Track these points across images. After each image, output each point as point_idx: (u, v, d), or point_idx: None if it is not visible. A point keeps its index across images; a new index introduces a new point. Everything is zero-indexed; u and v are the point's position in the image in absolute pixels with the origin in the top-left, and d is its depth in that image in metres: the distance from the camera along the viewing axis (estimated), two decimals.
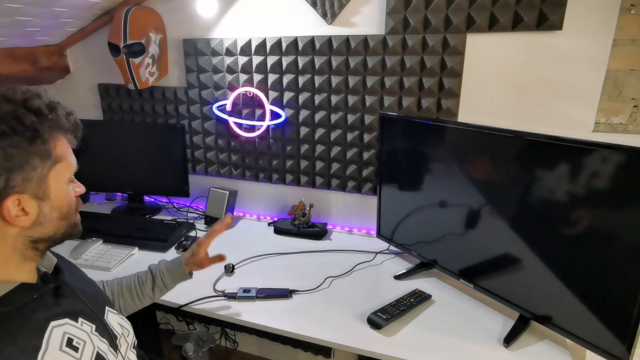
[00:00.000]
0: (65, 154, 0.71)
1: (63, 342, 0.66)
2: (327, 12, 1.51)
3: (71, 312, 0.72)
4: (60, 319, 0.68)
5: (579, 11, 1.23)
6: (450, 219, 1.26)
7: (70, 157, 0.72)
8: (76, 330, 0.70)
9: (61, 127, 0.70)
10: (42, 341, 0.63)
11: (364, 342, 1.07)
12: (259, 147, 1.79)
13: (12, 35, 1.63)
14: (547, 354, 1.04)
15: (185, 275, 1.13)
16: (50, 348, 0.63)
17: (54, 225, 0.70)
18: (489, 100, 1.41)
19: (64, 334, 0.67)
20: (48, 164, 0.67)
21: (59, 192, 0.70)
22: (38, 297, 0.68)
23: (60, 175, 0.70)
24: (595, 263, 0.94)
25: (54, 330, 0.66)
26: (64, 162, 0.70)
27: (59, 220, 0.71)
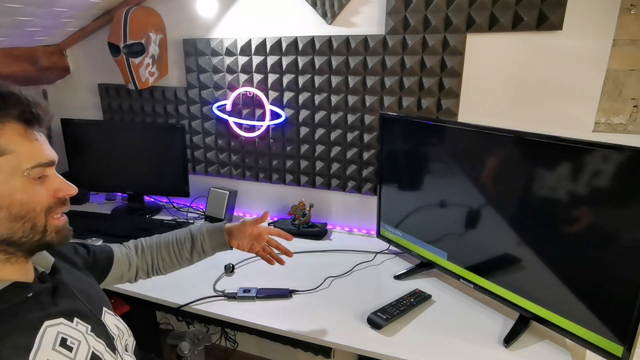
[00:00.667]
0: (14, 145, 0.62)
1: (57, 342, 0.65)
2: (327, 12, 1.51)
3: (67, 311, 0.70)
4: (54, 318, 0.67)
5: (579, 11, 1.23)
6: (451, 218, 1.26)
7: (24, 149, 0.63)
8: (71, 330, 0.69)
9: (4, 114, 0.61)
10: (35, 340, 0.62)
11: (364, 342, 1.07)
12: (259, 147, 1.79)
13: (12, 35, 1.63)
14: (547, 354, 1.04)
15: (226, 244, 1.07)
16: (42, 347, 0.62)
17: (4, 227, 0.62)
18: (489, 100, 1.41)
19: (58, 334, 0.66)
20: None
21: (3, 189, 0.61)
22: (32, 296, 0.66)
23: (3, 169, 0.61)
24: (595, 262, 0.94)
25: (47, 330, 0.64)
26: (12, 155, 0.61)
27: (10, 222, 0.62)
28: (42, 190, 0.66)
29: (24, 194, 0.63)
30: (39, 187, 0.65)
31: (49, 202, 0.66)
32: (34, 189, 0.64)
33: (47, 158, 0.66)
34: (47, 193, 0.66)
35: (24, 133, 0.64)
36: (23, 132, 0.63)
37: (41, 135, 0.67)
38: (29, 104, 0.64)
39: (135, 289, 1.26)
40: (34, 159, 0.64)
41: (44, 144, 0.67)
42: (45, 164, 0.65)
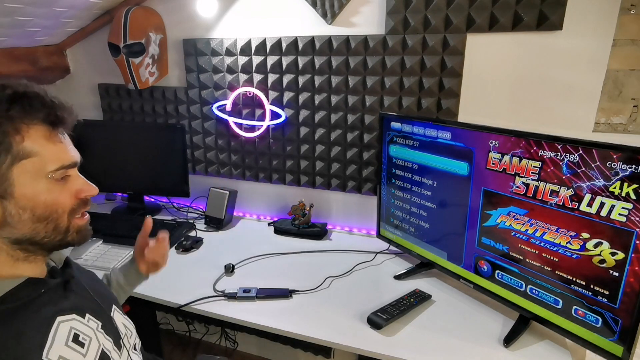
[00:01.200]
0: (39, 147, 0.62)
1: (69, 338, 0.65)
2: (327, 12, 1.51)
3: (78, 307, 0.71)
4: (67, 314, 0.67)
5: (579, 11, 1.23)
6: (451, 217, 1.26)
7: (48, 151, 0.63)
8: (83, 327, 0.69)
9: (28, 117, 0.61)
10: (48, 336, 0.62)
11: (364, 342, 1.07)
12: (259, 147, 1.79)
13: (12, 35, 1.63)
14: (547, 354, 1.04)
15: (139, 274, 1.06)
16: (55, 343, 0.62)
17: (27, 227, 0.63)
18: (489, 100, 1.41)
19: (71, 329, 0.66)
20: (8, 160, 0.60)
21: (27, 191, 0.62)
22: (45, 291, 0.67)
23: (28, 172, 0.61)
24: (595, 262, 0.94)
25: (60, 326, 0.65)
26: (36, 158, 0.62)
27: (33, 223, 0.63)
28: (64, 192, 0.66)
29: (48, 195, 0.64)
30: (62, 188, 0.66)
31: (71, 203, 0.68)
32: (57, 191, 0.65)
33: (70, 160, 0.67)
34: (69, 194, 0.67)
35: (49, 135, 0.64)
36: (48, 135, 0.64)
37: (65, 137, 0.68)
38: (54, 106, 0.65)
39: (135, 289, 1.26)
40: (57, 161, 0.64)
41: (68, 145, 0.68)
42: (68, 165, 0.66)
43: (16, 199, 0.62)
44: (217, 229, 1.74)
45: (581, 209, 0.94)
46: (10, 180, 0.61)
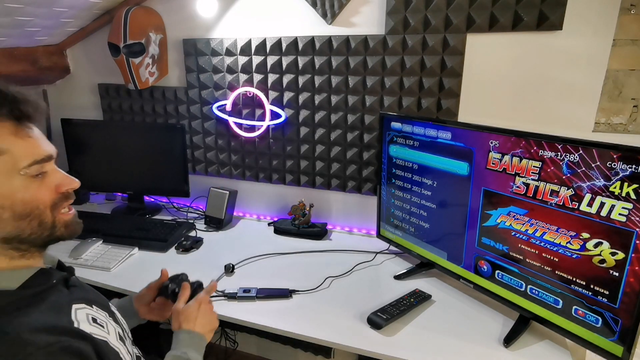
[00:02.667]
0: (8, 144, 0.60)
1: (89, 320, 0.67)
2: (327, 12, 1.51)
3: (85, 298, 0.72)
4: (79, 302, 0.69)
5: (579, 11, 1.23)
6: (451, 217, 1.26)
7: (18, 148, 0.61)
8: (95, 314, 0.70)
9: None
10: (72, 318, 0.64)
11: (364, 342, 1.07)
12: (259, 147, 1.79)
13: (12, 35, 1.63)
14: (547, 354, 1.04)
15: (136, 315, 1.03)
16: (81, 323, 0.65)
17: (11, 226, 0.62)
18: (489, 100, 1.41)
19: (87, 314, 0.68)
20: None
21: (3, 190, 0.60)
22: (56, 282, 0.69)
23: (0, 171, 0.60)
24: (596, 263, 0.94)
25: (77, 312, 0.66)
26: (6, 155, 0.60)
27: (16, 221, 0.62)
28: (43, 187, 0.65)
29: (25, 192, 0.62)
30: (40, 183, 0.64)
31: (52, 198, 0.66)
32: (34, 187, 0.63)
33: (43, 154, 0.64)
34: (48, 189, 0.65)
35: (16, 131, 0.62)
36: (14, 130, 0.62)
37: (35, 131, 0.65)
38: (17, 100, 0.62)
39: (135, 289, 1.26)
40: (29, 156, 0.62)
41: (39, 139, 0.65)
42: (42, 160, 0.64)
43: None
44: (217, 229, 1.74)
45: (581, 208, 0.94)
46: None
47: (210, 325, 0.93)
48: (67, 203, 0.70)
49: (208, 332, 0.92)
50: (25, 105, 0.63)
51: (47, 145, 0.66)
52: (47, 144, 0.67)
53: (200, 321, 0.91)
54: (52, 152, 0.67)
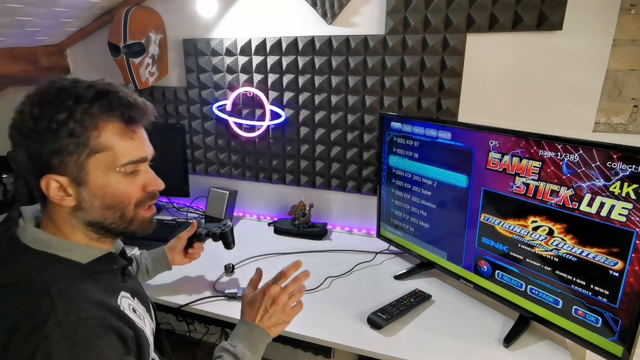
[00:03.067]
0: (112, 143, 0.68)
1: (130, 308, 0.74)
2: (327, 12, 1.51)
3: (132, 290, 0.79)
4: (126, 291, 0.76)
5: (579, 11, 1.23)
6: (451, 217, 1.26)
7: (120, 147, 0.68)
8: (136, 305, 0.77)
9: (105, 115, 0.67)
10: (117, 301, 0.72)
11: (364, 342, 1.07)
12: (259, 147, 1.79)
13: (12, 35, 1.63)
14: (547, 354, 1.04)
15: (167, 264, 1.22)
16: (125, 308, 0.72)
17: (98, 213, 0.70)
18: (489, 100, 1.41)
19: (129, 304, 0.75)
20: (86, 152, 0.66)
21: (99, 181, 0.68)
22: (116, 268, 0.77)
23: (101, 164, 0.67)
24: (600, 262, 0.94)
25: (122, 298, 0.74)
26: (108, 152, 0.67)
27: (103, 210, 0.70)
28: (133, 184, 0.72)
29: (117, 187, 0.70)
30: (131, 181, 0.72)
31: (139, 195, 0.73)
32: (126, 183, 0.71)
33: (139, 155, 0.71)
34: (137, 187, 0.73)
35: (122, 132, 0.69)
36: (121, 132, 0.69)
37: (138, 134, 0.72)
38: (130, 105, 0.69)
39: None
40: (127, 156, 0.69)
41: (140, 141, 0.72)
42: (136, 160, 0.71)
43: (89, 187, 0.68)
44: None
45: (581, 209, 0.94)
46: (86, 170, 0.67)
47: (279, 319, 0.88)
48: (151, 202, 0.77)
49: (273, 325, 0.88)
50: (135, 110, 0.70)
51: (147, 148, 0.74)
52: (146, 146, 0.74)
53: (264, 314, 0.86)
54: (148, 154, 0.74)
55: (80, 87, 0.67)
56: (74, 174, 0.67)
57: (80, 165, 0.66)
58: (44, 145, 0.64)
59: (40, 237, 0.68)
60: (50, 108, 0.64)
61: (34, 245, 0.67)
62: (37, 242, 0.68)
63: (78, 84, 0.67)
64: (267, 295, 0.87)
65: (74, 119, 0.64)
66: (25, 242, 0.67)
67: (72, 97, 0.65)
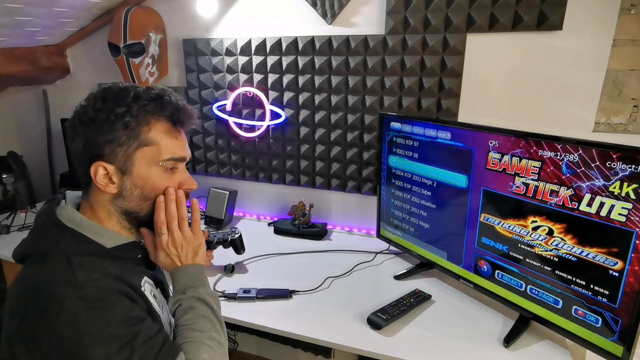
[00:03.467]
0: (159, 139, 0.74)
1: (151, 294, 0.78)
2: (327, 12, 1.51)
3: (156, 279, 0.84)
4: (150, 278, 0.81)
5: (579, 11, 1.23)
6: (451, 217, 1.26)
7: (165, 144, 0.74)
8: (157, 293, 0.82)
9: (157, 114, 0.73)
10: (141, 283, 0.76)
11: (363, 342, 1.07)
12: (259, 147, 1.79)
13: (12, 35, 1.63)
14: (547, 354, 1.04)
15: None
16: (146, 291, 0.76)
17: (135, 202, 0.75)
18: (489, 100, 1.41)
19: (151, 290, 0.79)
20: (134, 144, 0.72)
21: (142, 172, 0.73)
22: (141, 257, 0.81)
23: (146, 157, 0.73)
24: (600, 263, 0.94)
25: (145, 283, 0.78)
26: (154, 147, 0.73)
27: (140, 199, 0.75)
28: (170, 181, 0.77)
29: (156, 180, 0.75)
30: (169, 177, 0.77)
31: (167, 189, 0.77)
32: (164, 178, 0.76)
33: (180, 154, 0.77)
34: (173, 184, 0.78)
35: (169, 131, 0.75)
36: (168, 130, 0.75)
37: (182, 135, 0.79)
38: (179, 109, 0.76)
39: None
40: (170, 153, 0.75)
41: (182, 142, 0.78)
42: (178, 159, 0.77)
43: (133, 177, 0.73)
44: (217, 229, 1.74)
45: (581, 208, 0.94)
46: (132, 161, 0.72)
47: (193, 248, 0.83)
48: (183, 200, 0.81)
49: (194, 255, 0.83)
50: (182, 113, 0.76)
51: (186, 149, 0.79)
52: (186, 148, 0.79)
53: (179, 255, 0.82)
54: (187, 155, 0.79)
55: (140, 88, 0.75)
56: (121, 163, 0.72)
57: (128, 155, 0.72)
58: (99, 134, 0.71)
59: (74, 217, 0.74)
60: (111, 102, 0.71)
61: (68, 223, 0.73)
62: (70, 221, 0.73)
63: (137, 87, 0.75)
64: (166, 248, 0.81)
65: (130, 113, 0.71)
66: (61, 219, 0.73)
67: (131, 95, 0.72)
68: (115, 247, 0.75)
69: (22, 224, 1.73)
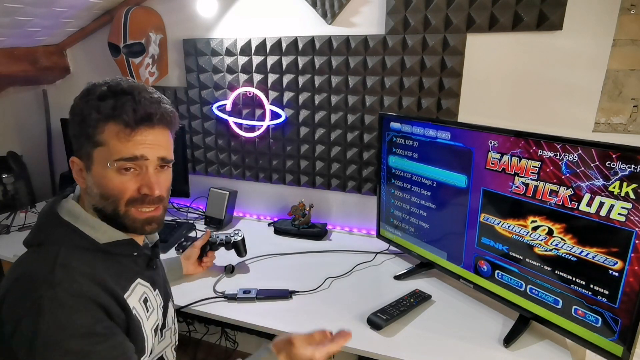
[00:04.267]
0: (109, 140, 0.73)
1: (141, 298, 0.79)
2: (327, 12, 1.51)
3: (154, 281, 0.85)
4: (145, 280, 0.82)
5: (579, 11, 1.23)
6: (451, 218, 1.26)
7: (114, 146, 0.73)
8: (152, 296, 0.83)
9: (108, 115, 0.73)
10: (129, 287, 0.77)
11: (364, 342, 1.07)
12: (259, 147, 1.79)
13: (12, 35, 1.63)
14: (547, 354, 1.04)
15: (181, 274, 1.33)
16: (133, 295, 0.76)
17: (97, 201, 0.76)
18: (489, 100, 1.41)
19: (144, 293, 0.80)
20: (90, 144, 0.74)
21: (99, 171, 0.75)
22: (137, 255, 0.82)
23: (101, 157, 0.74)
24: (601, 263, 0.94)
25: (137, 286, 0.79)
26: (105, 148, 0.73)
27: (100, 199, 0.76)
28: (129, 182, 0.75)
29: (110, 181, 0.74)
30: (129, 179, 0.75)
31: (131, 194, 0.76)
32: (119, 180, 0.75)
33: (130, 154, 0.73)
34: (132, 186, 0.76)
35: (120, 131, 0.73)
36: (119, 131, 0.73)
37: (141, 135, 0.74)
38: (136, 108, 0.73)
39: None
40: (117, 154, 0.73)
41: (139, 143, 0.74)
42: (128, 159, 0.74)
43: (93, 175, 0.75)
44: (217, 230, 1.74)
45: (580, 208, 0.94)
46: (92, 159, 0.74)
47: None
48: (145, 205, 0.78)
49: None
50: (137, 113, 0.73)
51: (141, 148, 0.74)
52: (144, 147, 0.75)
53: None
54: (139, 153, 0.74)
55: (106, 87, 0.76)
56: (85, 160, 0.75)
57: (88, 153, 0.74)
58: (71, 129, 0.75)
59: (74, 210, 0.76)
60: (79, 99, 0.75)
61: (65, 216, 0.75)
62: (69, 213, 0.75)
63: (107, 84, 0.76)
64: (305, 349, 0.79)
65: (84, 113, 0.73)
66: (59, 212, 0.75)
67: (92, 94, 0.74)
68: (109, 243, 0.76)
69: (22, 224, 1.73)
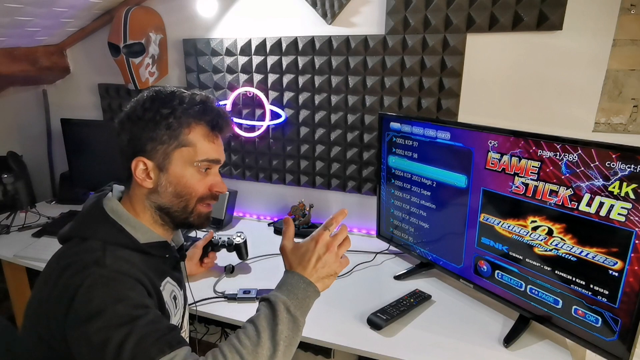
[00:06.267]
0: (197, 141, 0.80)
1: (171, 295, 0.84)
2: (327, 12, 1.51)
3: (180, 281, 0.90)
4: (173, 280, 0.86)
5: (579, 11, 1.23)
6: (451, 218, 1.26)
7: (202, 147, 0.80)
8: (179, 295, 0.88)
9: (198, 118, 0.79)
10: (162, 283, 0.81)
11: (363, 342, 1.07)
12: (259, 147, 1.79)
13: (12, 35, 1.63)
14: (547, 354, 1.04)
15: None
16: (165, 290, 0.81)
17: (168, 199, 0.81)
18: (489, 100, 1.41)
19: (172, 291, 0.85)
20: (174, 144, 0.78)
21: (177, 171, 0.79)
22: (168, 257, 0.86)
23: (183, 157, 0.79)
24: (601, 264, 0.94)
25: (167, 284, 0.83)
26: (191, 148, 0.79)
27: (173, 196, 0.80)
28: (202, 182, 0.82)
29: (189, 179, 0.81)
30: (202, 179, 0.82)
31: (203, 192, 0.83)
32: (197, 179, 0.82)
33: (214, 157, 0.83)
34: (205, 185, 0.83)
35: (207, 135, 0.81)
36: (206, 134, 0.81)
37: (219, 140, 0.85)
38: (219, 114, 0.82)
39: None
40: (205, 155, 0.81)
41: (218, 146, 0.84)
42: (212, 161, 0.82)
43: (169, 174, 0.79)
44: (217, 230, 1.74)
45: (580, 208, 0.94)
46: (170, 159, 0.79)
47: (330, 270, 0.82)
48: (212, 201, 0.86)
49: (325, 277, 0.81)
50: (221, 120, 0.82)
51: (221, 153, 0.85)
52: (221, 152, 0.85)
53: (317, 262, 0.80)
54: (221, 158, 0.85)
55: (185, 93, 0.81)
56: (160, 161, 0.79)
57: (167, 154, 0.78)
58: (144, 132, 0.77)
59: (117, 209, 0.80)
60: (159, 103, 0.78)
61: (111, 214, 0.79)
62: (114, 212, 0.79)
63: (184, 92, 0.82)
64: (321, 242, 0.83)
65: (174, 115, 0.77)
66: (105, 209, 0.79)
67: (177, 99, 0.79)
68: (147, 244, 0.80)
69: (22, 224, 1.73)
